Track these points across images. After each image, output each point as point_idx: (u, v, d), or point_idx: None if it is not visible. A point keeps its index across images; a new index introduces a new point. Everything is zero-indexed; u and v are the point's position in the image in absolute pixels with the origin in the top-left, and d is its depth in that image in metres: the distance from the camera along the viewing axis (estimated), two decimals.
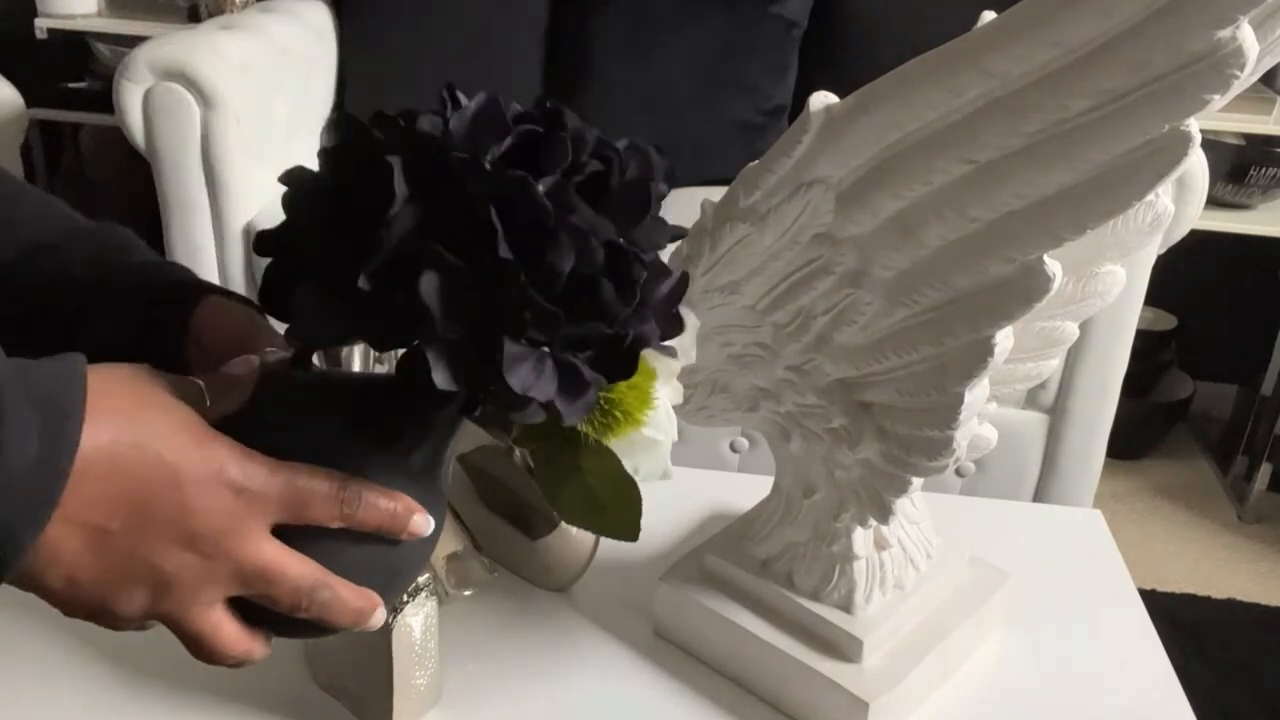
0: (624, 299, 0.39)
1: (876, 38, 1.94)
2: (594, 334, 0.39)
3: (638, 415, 0.48)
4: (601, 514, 0.50)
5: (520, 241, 0.37)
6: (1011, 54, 0.42)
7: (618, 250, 0.40)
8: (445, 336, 0.38)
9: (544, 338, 0.38)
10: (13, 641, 0.66)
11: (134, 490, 0.38)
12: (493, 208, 0.37)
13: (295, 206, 0.41)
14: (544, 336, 0.38)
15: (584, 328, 0.39)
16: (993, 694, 0.67)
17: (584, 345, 0.40)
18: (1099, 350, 1.59)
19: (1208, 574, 1.86)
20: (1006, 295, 0.47)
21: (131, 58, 1.66)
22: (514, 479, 0.73)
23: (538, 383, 0.38)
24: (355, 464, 0.42)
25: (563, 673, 0.67)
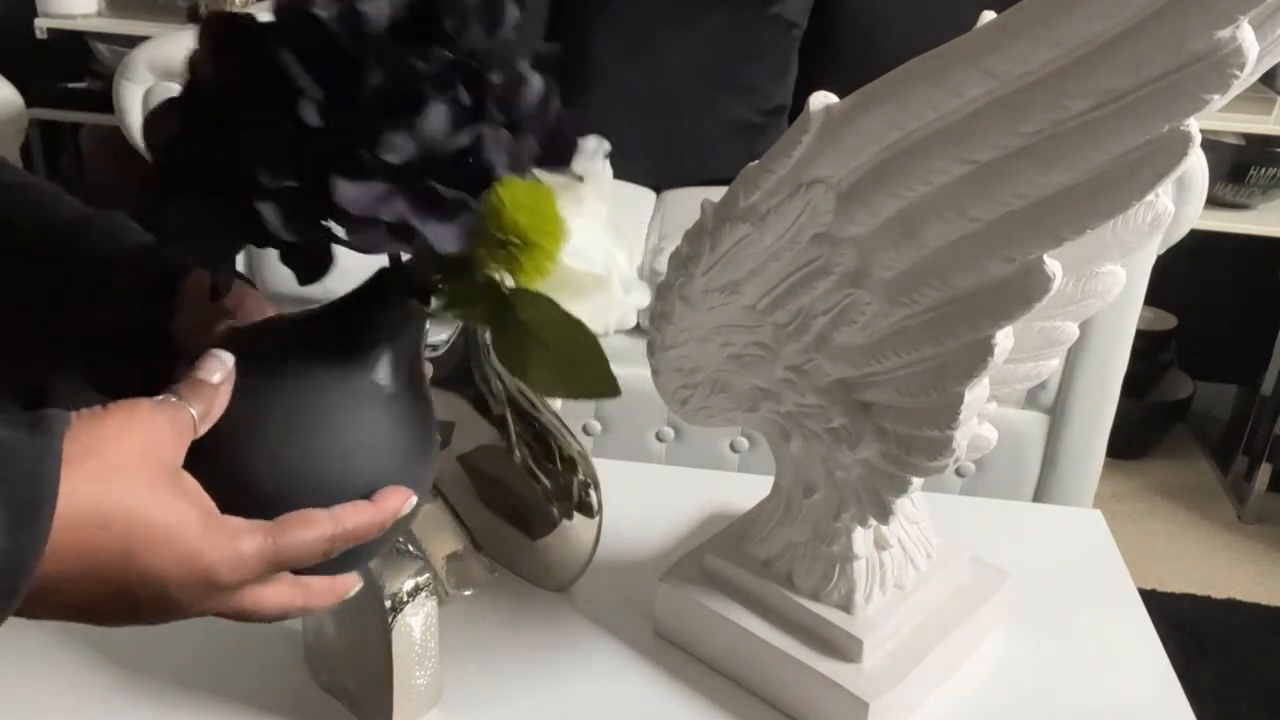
0: (470, 116, 0.40)
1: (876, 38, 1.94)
2: (436, 152, 0.40)
3: (543, 242, 0.44)
4: (567, 372, 0.47)
5: (324, 75, 0.39)
6: (1011, 54, 0.42)
7: (452, 66, 0.40)
8: (274, 187, 0.39)
9: (389, 161, 0.39)
10: (12, 641, 0.66)
11: (115, 588, 0.40)
12: (287, 51, 0.39)
13: (150, 134, 0.43)
14: (376, 162, 0.39)
15: (423, 145, 0.39)
16: (993, 694, 0.67)
17: (445, 174, 0.40)
18: (1099, 350, 1.59)
19: (1208, 574, 1.86)
20: (1006, 295, 0.47)
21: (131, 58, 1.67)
22: (514, 479, 0.73)
23: (382, 205, 0.39)
24: (329, 401, 0.44)
25: (563, 673, 0.67)
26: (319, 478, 0.44)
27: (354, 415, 0.45)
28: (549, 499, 0.71)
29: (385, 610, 0.58)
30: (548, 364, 0.46)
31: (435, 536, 0.73)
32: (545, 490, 0.71)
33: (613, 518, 0.71)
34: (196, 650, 0.67)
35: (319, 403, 0.44)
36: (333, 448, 0.44)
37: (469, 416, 0.74)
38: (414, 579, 0.59)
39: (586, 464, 0.70)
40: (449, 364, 0.73)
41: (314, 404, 0.44)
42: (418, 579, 0.59)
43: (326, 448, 0.44)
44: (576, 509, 0.70)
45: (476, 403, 0.73)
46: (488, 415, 0.73)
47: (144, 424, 0.40)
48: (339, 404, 0.45)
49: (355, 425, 0.45)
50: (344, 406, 0.45)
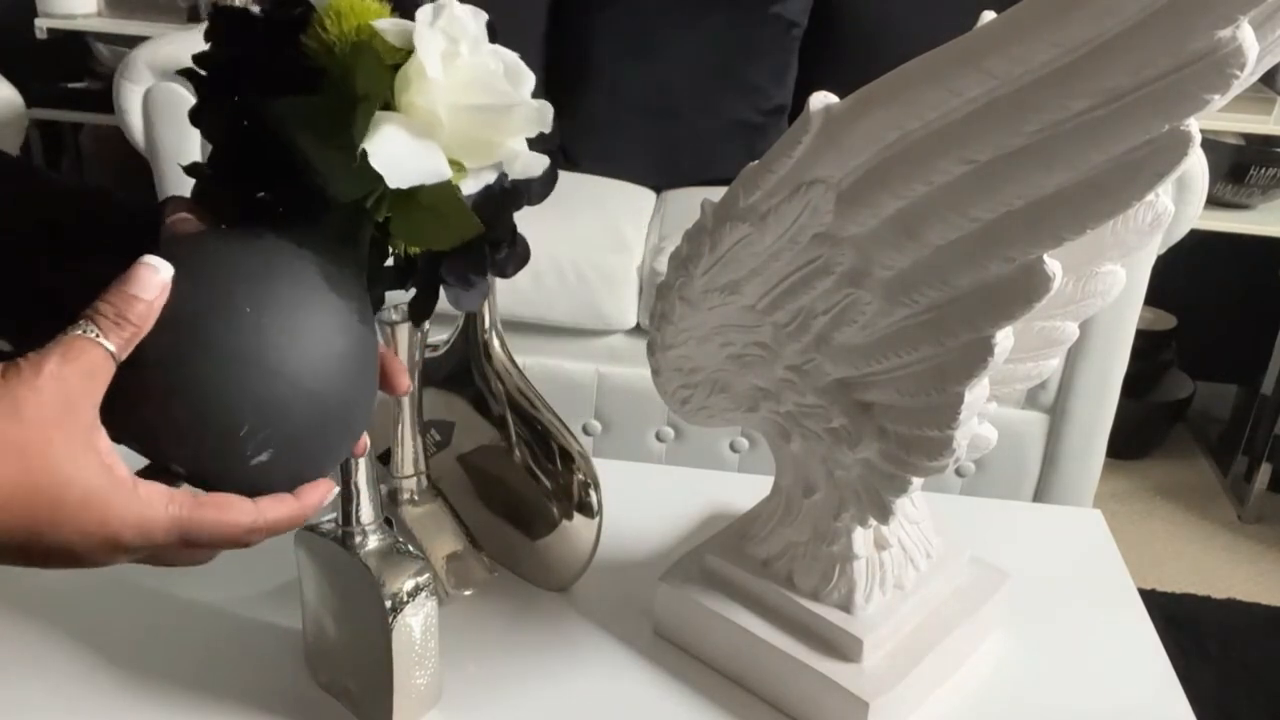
0: None
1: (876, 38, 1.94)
2: None
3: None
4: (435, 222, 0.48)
5: None
6: (1011, 54, 0.42)
7: None
8: None
9: None
10: (11, 641, 0.66)
11: (21, 554, 0.40)
12: None
13: None
14: None
15: None
16: (993, 694, 0.67)
17: None
18: (1099, 350, 1.59)
19: (1208, 574, 1.86)
20: (1006, 295, 0.47)
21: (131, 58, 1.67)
22: (514, 479, 0.73)
23: None
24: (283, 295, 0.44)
25: (563, 673, 0.67)
26: (270, 374, 0.43)
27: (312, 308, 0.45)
28: (549, 499, 0.71)
29: (385, 610, 0.58)
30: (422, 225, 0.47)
31: (435, 536, 0.73)
32: (545, 490, 0.71)
33: (613, 518, 0.71)
34: (196, 650, 0.67)
35: (272, 296, 0.44)
36: (284, 323, 0.44)
37: (469, 416, 0.74)
38: (414, 579, 0.59)
39: (586, 464, 0.70)
40: (449, 364, 0.73)
41: (268, 298, 0.44)
42: (418, 579, 0.59)
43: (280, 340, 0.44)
44: (576, 509, 0.70)
45: (476, 403, 0.73)
46: (488, 415, 0.73)
47: (52, 387, 0.39)
48: (291, 297, 0.45)
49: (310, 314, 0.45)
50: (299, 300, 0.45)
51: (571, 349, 1.70)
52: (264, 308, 0.44)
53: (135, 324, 0.42)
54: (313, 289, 0.45)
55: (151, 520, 0.41)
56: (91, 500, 0.40)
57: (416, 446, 0.72)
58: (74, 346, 0.40)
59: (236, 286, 0.44)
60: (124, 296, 0.42)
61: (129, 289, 0.42)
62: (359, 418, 0.48)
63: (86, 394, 0.40)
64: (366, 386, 0.48)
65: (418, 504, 0.73)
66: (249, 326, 0.43)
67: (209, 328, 0.43)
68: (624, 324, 1.67)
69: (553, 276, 1.63)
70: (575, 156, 1.94)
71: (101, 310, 0.41)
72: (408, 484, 0.73)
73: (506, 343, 0.72)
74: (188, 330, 0.43)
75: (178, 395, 0.43)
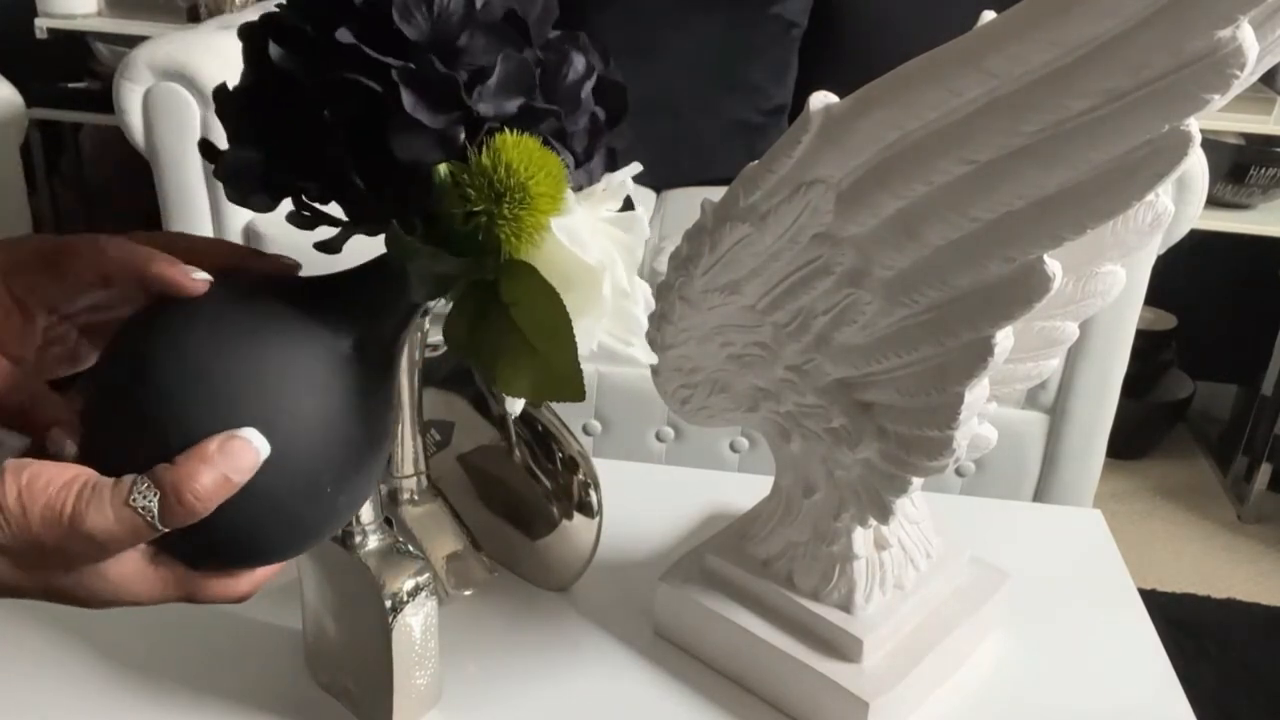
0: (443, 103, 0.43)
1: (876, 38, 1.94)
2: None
3: (543, 190, 0.43)
4: (537, 367, 0.44)
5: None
6: (1011, 54, 0.42)
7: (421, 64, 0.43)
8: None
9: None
10: (9, 641, 0.66)
11: None
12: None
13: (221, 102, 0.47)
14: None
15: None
16: (993, 694, 0.67)
17: None
18: (1099, 350, 1.59)
19: (1208, 574, 1.86)
20: (1006, 295, 0.47)
21: (131, 58, 1.67)
22: (514, 479, 0.73)
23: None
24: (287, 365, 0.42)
25: (563, 673, 0.67)
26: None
27: (308, 382, 0.43)
28: (549, 499, 0.71)
29: (385, 610, 0.58)
30: (518, 355, 0.44)
31: (435, 536, 0.73)
32: (545, 490, 0.71)
33: (613, 518, 0.71)
34: (196, 650, 0.67)
35: (278, 364, 0.42)
36: (280, 412, 0.42)
37: (469, 416, 0.74)
38: (414, 579, 0.59)
39: (586, 464, 0.70)
40: (449, 364, 0.73)
41: (273, 366, 0.42)
42: (418, 579, 0.59)
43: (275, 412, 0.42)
44: (576, 509, 0.70)
45: (476, 403, 0.73)
46: (488, 415, 0.73)
47: (78, 542, 0.38)
48: (294, 367, 0.43)
49: (307, 392, 0.43)
50: (299, 373, 0.43)
51: None
52: (342, 481, 0.43)
53: (204, 512, 0.38)
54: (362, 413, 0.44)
55: (159, 581, 0.42)
56: (103, 590, 0.40)
57: (416, 446, 0.72)
58: (122, 518, 0.38)
59: (320, 470, 0.43)
60: (216, 478, 0.38)
61: (223, 468, 0.38)
62: (364, 494, 0.48)
63: (119, 550, 0.39)
64: (378, 466, 0.47)
65: (418, 504, 0.73)
66: (328, 504, 0.43)
67: (294, 510, 0.43)
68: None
69: None
70: None
71: (178, 489, 0.38)
72: (408, 484, 0.73)
73: None
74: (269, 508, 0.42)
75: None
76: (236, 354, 0.42)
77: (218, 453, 0.39)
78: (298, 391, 0.42)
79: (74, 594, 0.40)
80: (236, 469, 0.39)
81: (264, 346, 0.42)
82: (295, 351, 0.43)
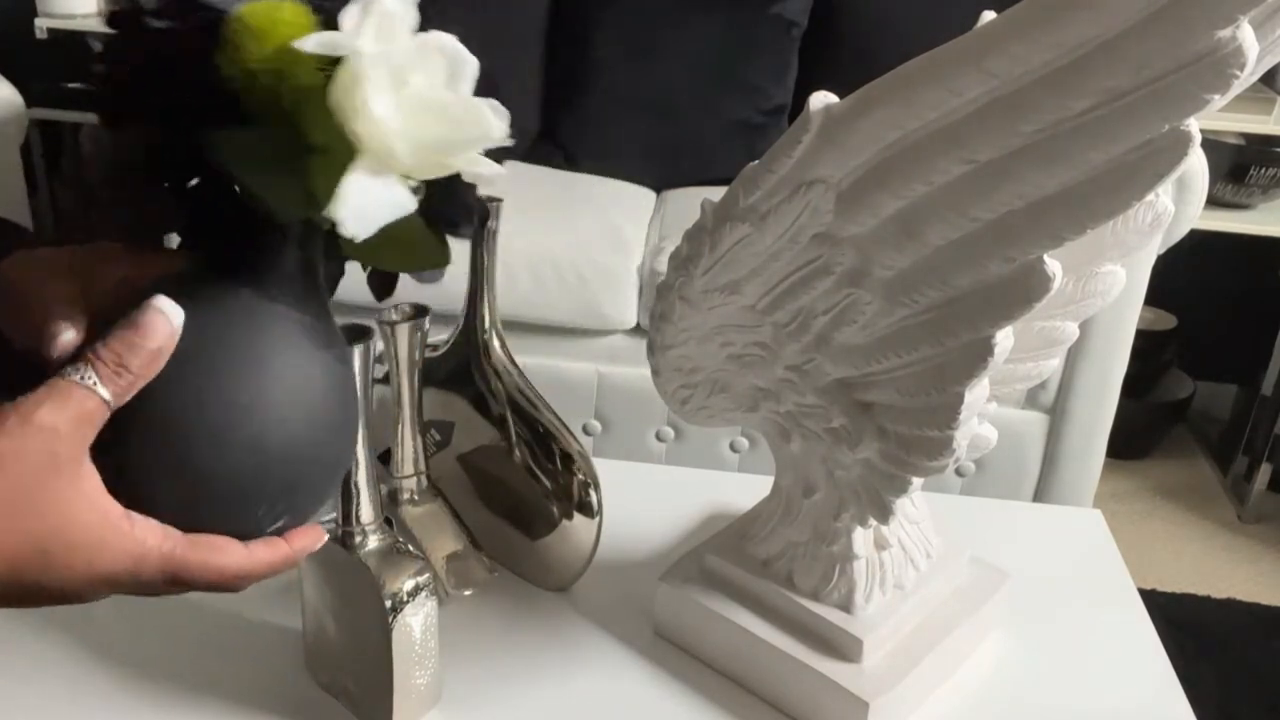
0: None
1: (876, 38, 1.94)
2: None
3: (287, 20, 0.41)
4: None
5: None
6: (1011, 54, 0.42)
7: None
8: None
9: None
10: (10, 642, 0.66)
11: (16, 599, 0.40)
12: None
13: None
14: None
15: None
16: (993, 694, 0.67)
17: None
18: (1099, 350, 1.59)
19: (1208, 574, 1.86)
20: (1006, 295, 0.47)
21: None
22: (514, 479, 0.73)
23: None
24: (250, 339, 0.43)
25: (563, 673, 0.67)
26: (258, 425, 0.42)
27: (280, 349, 0.43)
28: (549, 499, 0.71)
29: (385, 610, 0.58)
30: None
31: (435, 536, 0.73)
32: (545, 490, 0.71)
33: (613, 518, 0.71)
34: (196, 650, 0.67)
35: (241, 342, 0.43)
36: (263, 388, 0.42)
37: (469, 416, 0.74)
38: (414, 579, 0.59)
39: (586, 464, 0.70)
40: (449, 364, 0.73)
41: (236, 344, 0.42)
42: (418, 579, 0.59)
43: (257, 390, 0.42)
44: (576, 509, 0.70)
45: (476, 403, 0.73)
46: (488, 415, 0.73)
47: (37, 439, 0.38)
48: (261, 341, 0.43)
49: (282, 359, 0.43)
50: (266, 343, 0.43)
51: (571, 349, 1.70)
52: (261, 391, 0.42)
53: (136, 372, 0.40)
54: (295, 346, 0.44)
55: (143, 559, 0.40)
56: (79, 543, 0.39)
57: (416, 446, 0.72)
58: (65, 393, 0.39)
59: (229, 381, 0.42)
60: (127, 342, 0.40)
61: (134, 335, 0.40)
62: (348, 453, 0.48)
63: (75, 442, 0.39)
64: (351, 419, 0.47)
65: (418, 504, 0.73)
66: (251, 417, 0.42)
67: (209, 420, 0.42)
68: (624, 324, 1.67)
69: (553, 276, 1.63)
70: (575, 156, 1.94)
71: (101, 355, 0.39)
72: (408, 484, 0.73)
73: (506, 343, 0.72)
74: (188, 413, 0.41)
75: (185, 480, 0.42)
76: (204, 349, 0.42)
77: (129, 322, 0.40)
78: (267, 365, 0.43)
79: (46, 574, 0.39)
80: (150, 333, 0.40)
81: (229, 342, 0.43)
82: (238, 331, 0.43)
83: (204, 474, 0.41)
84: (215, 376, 0.42)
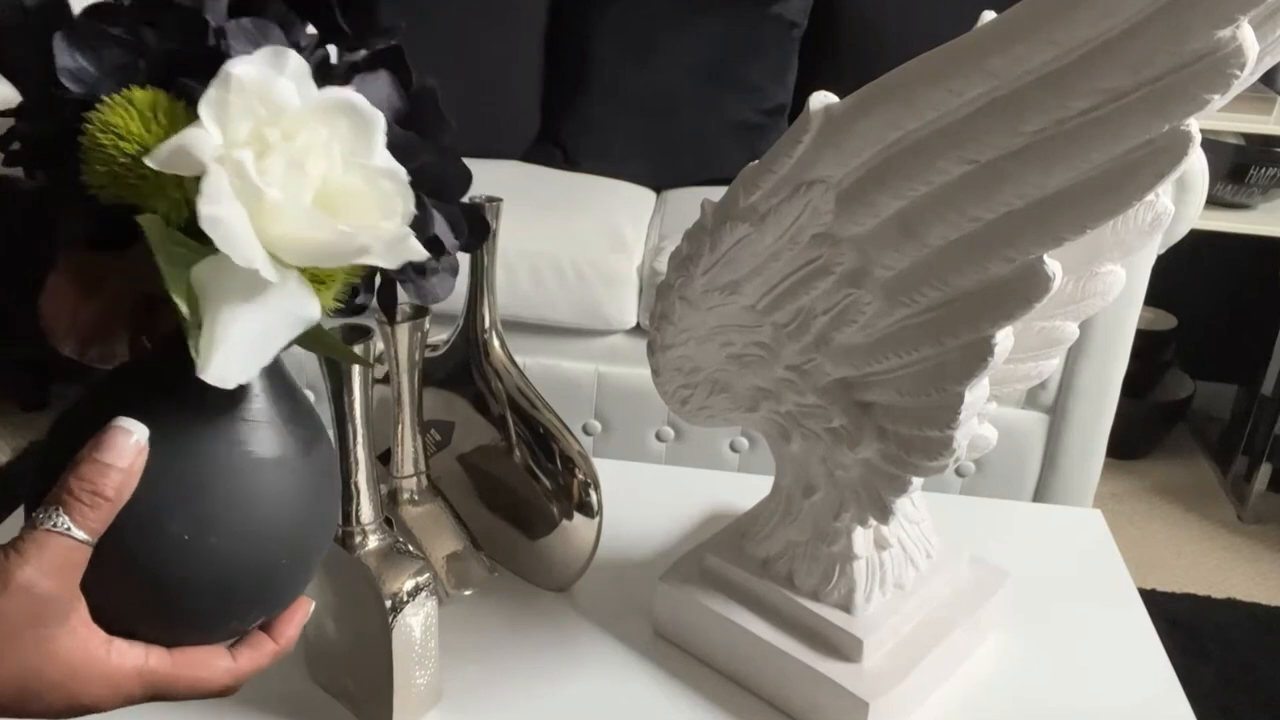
0: None
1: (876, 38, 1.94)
2: None
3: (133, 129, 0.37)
4: None
5: None
6: (1012, 54, 0.42)
7: None
8: None
9: None
10: None
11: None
12: None
13: None
14: None
15: None
16: (993, 694, 0.67)
17: None
18: (1099, 350, 1.59)
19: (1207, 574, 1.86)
20: (1006, 295, 0.47)
21: None
22: (514, 479, 0.73)
23: None
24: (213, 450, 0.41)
25: (563, 673, 0.67)
26: (224, 535, 0.41)
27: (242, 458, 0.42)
28: (549, 499, 0.71)
29: (385, 610, 0.58)
30: None
31: (435, 536, 0.73)
32: (545, 490, 0.71)
33: (613, 518, 0.71)
34: None
35: (203, 452, 0.41)
36: (229, 496, 0.41)
37: (469, 416, 0.74)
38: (414, 579, 0.59)
39: (586, 464, 0.70)
40: (449, 364, 0.73)
41: (198, 455, 0.41)
42: (418, 579, 0.59)
43: (222, 500, 0.41)
44: (576, 509, 0.70)
45: (476, 403, 0.73)
46: (488, 415, 0.73)
47: (20, 597, 0.38)
48: (223, 449, 0.41)
49: (246, 464, 0.42)
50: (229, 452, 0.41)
51: (571, 349, 1.70)
52: (227, 499, 0.41)
53: (110, 498, 0.39)
54: (260, 448, 0.42)
55: (121, 685, 0.40)
56: (59, 680, 0.39)
57: (416, 446, 0.72)
58: (43, 545, 0.38)
59: (194, 493, 0.41)
60: (97, 468, 0.39)
61: (102, 457, 0.39)
62: (325, 539, 0.46)
63: (61, 591, 0.39)
64: (325, 509, 0.46)
65: (418, 504, 0.73)
66: (216, 527, 0.41)
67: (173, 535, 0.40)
68: (624, 324, 1.67)
69: (553, 276, 1.63)
70: (575, 156, 1.94)
71: (73, 489, 0.39)
72: (408, 484, 0.73)
73: (506, 343, 0.72)
74: (153, 529, 0.40)
75: (156, 595, 0.41)
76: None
77: (95, 447, 0.39)
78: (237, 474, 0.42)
79: (26, 707, 0.39)
80: (118, 454, 0.39)
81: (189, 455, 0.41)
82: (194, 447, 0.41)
83: (173, 587, 0.41)
84: (179, 489, 0.41)
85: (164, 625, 0.42)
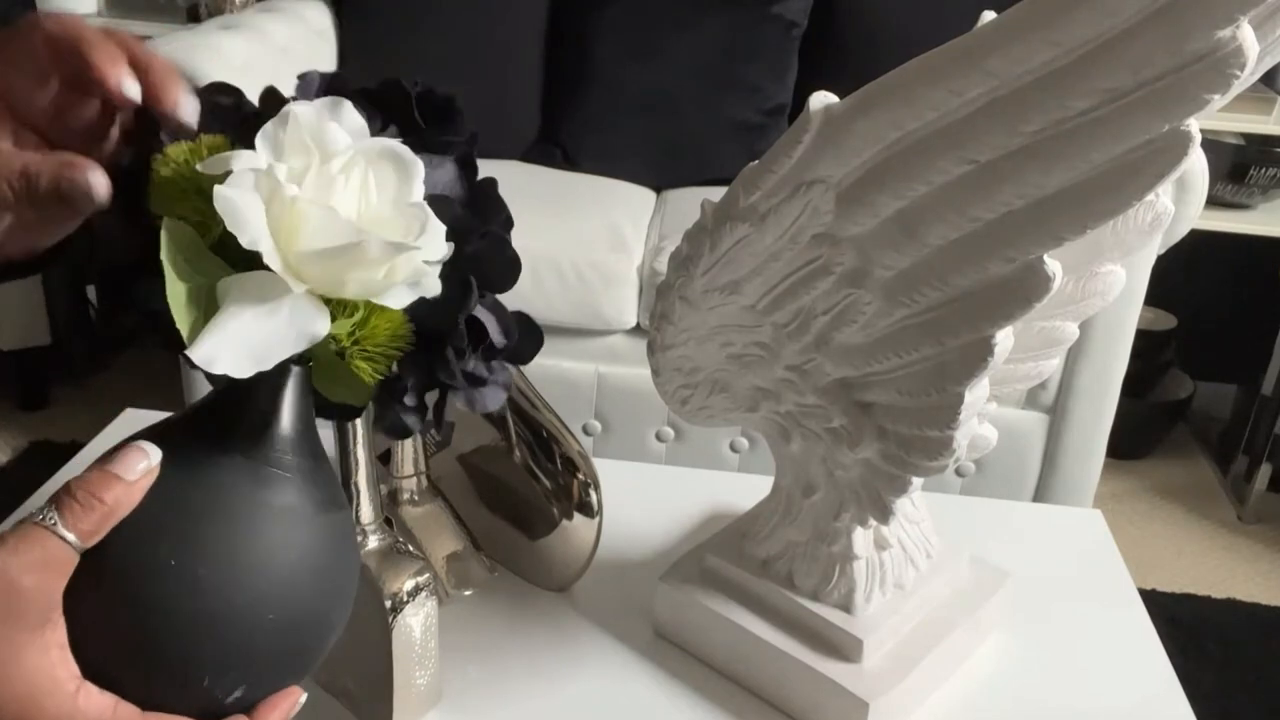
0: None
1: (876, 38, 1.94)
2: None
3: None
4: None
5: None
6: (1012, 54, 0.42)
7: None
8: None
9: None
10: None
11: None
12: None
13: None
14: None
15: None
16: (993, 694, 0.67)
17: None
18: (1099, 350, 1.59)
19: (1208, 574, 1.86)
20: (1006, 295, 0.47)
21: None
22: (514, 479, 0.73)
23: None
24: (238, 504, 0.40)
25: (563, 673, 0.67)
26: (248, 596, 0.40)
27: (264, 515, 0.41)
28: (549, 499, 0.71)
29: (385, 610, 0.58)
30: None
31: (435, 536, 0.73)
32: (545, 490, 0.71)
33: (613, 518, 0.71)
34: None
35: (226, 506, 0.40)
36: (228, 558, 0.40)
37: (469, 416, 0.74)
38: (414, 579, 0.59)
39: (586, 464, 0.70)
40: None
41: (221, 508, 0.40)
42: (418, 579, 0.59)
43: (216, 562, 0.40)
44: (576, 509, 0.70)
45: None
46: (488, 415, 0.73)
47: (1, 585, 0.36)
48: (247, 504, 0.41)
49: (253, 529, 0.41)
50: (252, 507, 0.41)
51: (571, 349, 1.70)
52: (222, 562, 0.40)
53: (105, 505, 0.38)
54: (272, 514, 0.41)
55: None
56: (17, 696, 0.37)
57: (416, 446, 0.72)
58: (29, 538, 0.37)
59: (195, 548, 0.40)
60: (103, 476, 0.38)
61: (109, 467, 0.39)
62: (337, 619, 0.44)
63: (37, 589, 0.37)
64: (338, 584, 0.44)
65: (418, 504, 0.73)
66: (204, 588, 0.39)
67: (150, 584, 0.39)
68: (624, 324, 1.67)
69: (553, 276, 1.63)
70: (575, 156, 1.94)
71: (71, 490, 0.38)
72: (408, 484, 0.73)
73: None
74: (142, 545, 0.39)
75: (131, 646, 0.39)
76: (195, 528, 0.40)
77: (107, 457, 0.39)
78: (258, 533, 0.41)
79: None
80: (126, 467, 0.39)
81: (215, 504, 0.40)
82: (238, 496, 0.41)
83: (153, 610, 0.39)
84: (178, 510, 0.40)
85: (137, 662, 0.40)
